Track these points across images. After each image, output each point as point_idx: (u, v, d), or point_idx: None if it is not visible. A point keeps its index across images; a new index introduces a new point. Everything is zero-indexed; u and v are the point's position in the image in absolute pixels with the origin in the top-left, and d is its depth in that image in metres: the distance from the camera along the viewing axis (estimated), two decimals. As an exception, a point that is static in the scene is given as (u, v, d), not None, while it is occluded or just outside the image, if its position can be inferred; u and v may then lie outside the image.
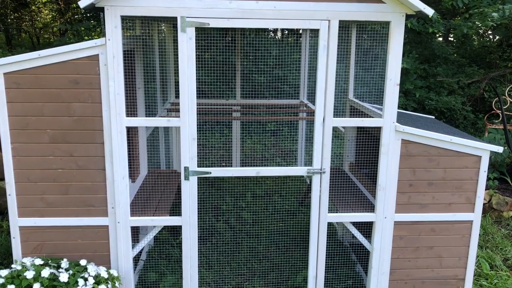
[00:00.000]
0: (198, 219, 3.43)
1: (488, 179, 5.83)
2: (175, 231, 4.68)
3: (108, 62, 3.08)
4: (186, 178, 3.32)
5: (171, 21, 5.14)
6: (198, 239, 3.52)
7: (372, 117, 3.74)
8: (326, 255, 3.65)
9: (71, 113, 3.17)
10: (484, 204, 5.56)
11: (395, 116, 3.38)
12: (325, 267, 3.67)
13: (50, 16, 14.98)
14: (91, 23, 10.29)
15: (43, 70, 3.09)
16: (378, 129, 3.68)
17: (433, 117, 4.79)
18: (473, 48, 10.51)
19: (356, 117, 4.22)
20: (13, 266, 3.16)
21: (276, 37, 10.10)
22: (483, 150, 3.51)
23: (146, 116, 4.37)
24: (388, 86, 3.31)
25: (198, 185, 3.38)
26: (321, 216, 3.51)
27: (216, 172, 3.38)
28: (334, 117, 3.34)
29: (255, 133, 7.94)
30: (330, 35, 3.16)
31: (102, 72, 3.12)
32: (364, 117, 3.95)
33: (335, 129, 3.50)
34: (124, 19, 3.12)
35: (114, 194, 3.30)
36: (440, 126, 4.10)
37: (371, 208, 3.66)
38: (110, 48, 3.06)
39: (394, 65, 3.26)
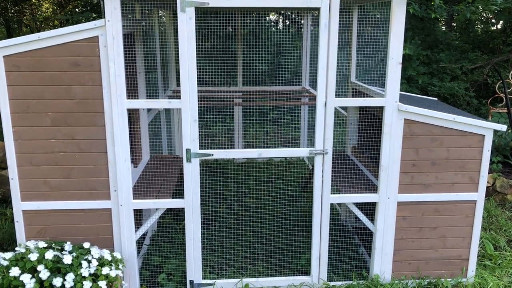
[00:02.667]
0: (201, 204, 3.43)
1: (492, 162, 5.80)
2: (178, 216, 4.69)
3: (108, 44, 3.07)
4: (188, 160, 3.32)
5: (171, 8, 5.12)
6: (201, 224, 3.52)
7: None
8: (330, 238, 3.65)
9: (72, 95, 3.16)
10: (488, 187, 5.54)
11: (397, 95, 3.35)
12: (329, 249, 3.67)
13: (51, 9, 14.95)
14: (91, 15, 10.26)
15: (43, 52, 3.08)
16: (380, 111, 3.66)
17: (436, 99, 4.76)
18: (476, 34, 10.42)
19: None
20: (17, 249, 3.17)
21: (278, 26, 10.04)
22: (487, 129, 3.49)
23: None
24: (390, 65, 3.28)
25: (200, 172, 3.38)
26: (323, 197, 3.50)
27: (218, 154, 3.37)
28: (336, 97, 3.32)
29: (257, 121, 7.92)
30: (331, 14, 3.13)
31: (102, 54, 3.10)
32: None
33: (337, 113, 3.48)
34: (123, 1, 3.10)
35: (116, 177, 3.30)
36: (443, 107, 4.07)
37: (374, 190, 3.65)
38: (109, 30, 3.04)
39: (396, 44, 3.23)
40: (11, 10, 13.52)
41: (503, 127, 3.49)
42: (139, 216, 4.22)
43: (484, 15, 10.69)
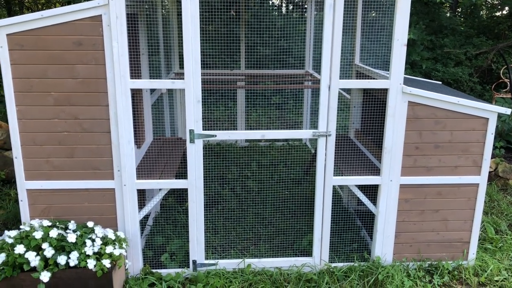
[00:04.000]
0: (204, 186, 3.44)
1: (495, 147, 5.80)
2: (181, 198, 4.71)
3: (111, 23, 3.05)
4: (192, 141, 3.32)
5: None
6: (204, 206, 3.55)
7: (379, 80, 3.69)
8: (332, 220, 3.66)
9: (75, 75, 3.15)
10: (490, 172, 5.55)
11: (402, 77, 3.34)
12: (330, 231, 3.69)
13: (53, -8, 14.82)
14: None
15: (46, 31, 3.06)
16: (384, 94, 3.65)
17: (440, 83, 4.74)
18: (481, 19, 10.32)
19: (362, 82, 4.17)
20: (21, 227, 3.19)
21: (281, 10, 9.95)
22: (491, 112, 3.47)
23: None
24: (395, 46, 3.26)
25: (203, 155, 3.38)
26: (326, 179, 3.51)
27: (221, 135, 3.37)
28: (340, 79, 3.31)
29: (259, 105, 7.90)
30: (336, -6, 3.10)
31: (105, 33, 3.09)
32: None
33: (340, 97, 3.45)
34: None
35: (120, 157, 3.30)
36: (447, 90, 4.05)
37: (377, 172, 3.65)
38: (113, 8, 3.02)
39: (401, 25, 3.20)
40: (13, -8, 13.40)
41: (507, 110, 3.48)
42: (142, 197, 4.25)
43: (489, 0, 10.59)
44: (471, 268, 3.74)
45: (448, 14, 10.32)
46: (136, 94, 3.95)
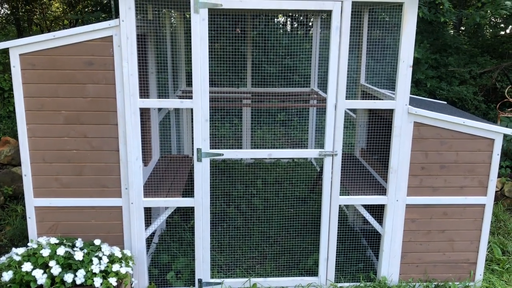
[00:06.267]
0: (210, 203, 3.45)
1: (501, 167, 5.79)
2: (187, 216, 4.72)
3: (121, 43, 3.11)
4: (199, 159, 3.35)
5: (183, 9, 5.16)
6: (210, 224, 3.56)
7: (384, 100, 3.72)
8: (337, 240, 3.66)
9: (85, 94, 3.20)
10: (496, 191, 5.53)
11: (407, 98, 3.37)
12: (336, 251, 3.68)
13: (61, 9, 15.07)
14: (101, 15, 10.34)
15: (58, 51, 3.13)
16: (390, 114, 3.67)
17: (445, 102, 4.77)
18: (485, 38, 10.39)
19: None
20: (29, 244, 3.21)
21: (287, 28, 10.07)
22: (497, 133, 3.49)
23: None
24: (400, 68, 3.30)
25: (209, 171, 3.40)
26: (332, 198, 3.52)
27: (228, 153, 3.40)
28: (346, 99, 3.34)
29: (265, 123, 7.94)
30: (343, 16, 3.16)
31: (116, 53, 3.14)
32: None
33: (345, 116, 3.48)
34: (137, 1, 3.14)
35: (128, 175, 3.33)
36: (452, 110, 4.08)
37: (383, 192, 3.66)
38: (124, 29, 3.08)
39: (407, 47, 3.25)
40: (22, 10, 13.65)
41: (513, 131, 3.49)
42: (148, 214, 4.26)
43: (493, 19, 10.67)
44: (478, 289, 3.71)
45: (452, 33, 10.41)
46: (144, 112, 3.99)
